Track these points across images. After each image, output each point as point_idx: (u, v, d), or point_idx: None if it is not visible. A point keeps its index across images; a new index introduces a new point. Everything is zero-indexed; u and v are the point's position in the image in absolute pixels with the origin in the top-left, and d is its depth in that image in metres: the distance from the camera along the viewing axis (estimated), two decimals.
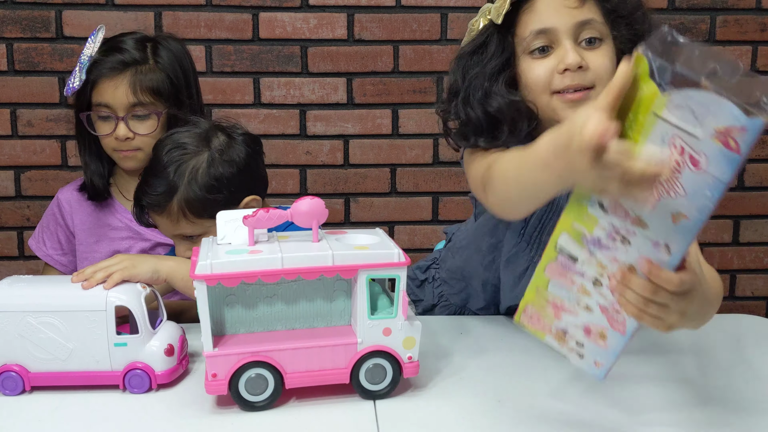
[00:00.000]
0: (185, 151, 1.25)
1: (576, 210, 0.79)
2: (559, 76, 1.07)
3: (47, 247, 1.57)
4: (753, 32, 2.11)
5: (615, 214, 0.76)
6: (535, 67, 1.09)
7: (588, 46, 1.08)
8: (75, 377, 1.04)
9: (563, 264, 0.83)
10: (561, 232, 0.81)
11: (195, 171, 1.24)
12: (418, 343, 1.03)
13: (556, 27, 1.07)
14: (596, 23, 1.08)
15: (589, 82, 1.07)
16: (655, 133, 0.68)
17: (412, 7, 2.03)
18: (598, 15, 1.09)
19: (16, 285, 1.07)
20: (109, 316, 1.03)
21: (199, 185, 1.23)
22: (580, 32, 1.08)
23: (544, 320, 0.88)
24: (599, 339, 0.85)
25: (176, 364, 1.07)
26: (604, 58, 1.08)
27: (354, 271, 0.99)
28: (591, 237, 0.79)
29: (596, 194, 0.75)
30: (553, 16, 1.08)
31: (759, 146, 2.17)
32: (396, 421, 0.97)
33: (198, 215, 1.24)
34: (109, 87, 1.42)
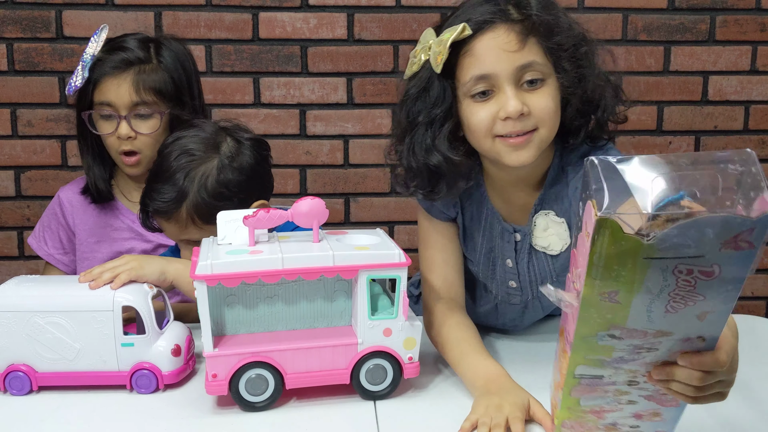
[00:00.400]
0: (193, 158, 1.24)
1: (584, 347, 0.72)
2: (501, 121, 1.05)
3: (48, 247, 1.56)
4: (753, 32, 2.11)
5: (632, 338, 0.70)
6: (477, 111, 1.06)
7: (530, 87, 1.05)
8: (82, 377, 1.04)
9: (589, 384, 0.77)
10: (575, 366, 0.75)
11: (205, 178, 1.22)
12: (419, 344, 1.03)
13: (496, 72, 1.04)
14: (537, 65, 1.05)
15: (531, 126, 1.05)
16: (652, 273, 0.63)
17: (412, 7, 2.03)
18: (540, 55, 1.05)
19: (23, 285, 1.07)
20: (116, 316, 1.03)
21: (208, 192, 1.22)
22: (522, 75, 1.05)
23: (588, 424, 0.83)
24: (653, 417, 0.82)
25: (183, 364, 1.07)
26: (546, 98, 1.05)
27: (354, 271, 0.99)
28: (612, 359, 0.73)
29: (603, 331, 0.70)
30: (493, 60, 1.04)
31: (759, 146, 2.17)
32: (396, 421, 0.97)
33: (206, 221, 1.22)
34: (112, 85, 1.41)
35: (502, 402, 0.95)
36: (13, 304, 1.03)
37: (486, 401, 0.96)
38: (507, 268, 1.21)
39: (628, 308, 0.66)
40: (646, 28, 2.08)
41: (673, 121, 2.14)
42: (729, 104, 2.15)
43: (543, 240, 1.16)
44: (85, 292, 1.04)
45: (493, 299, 1.27)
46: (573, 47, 1.07)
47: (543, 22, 1.05)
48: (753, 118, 2.16)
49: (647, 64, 2.10)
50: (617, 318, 0.67)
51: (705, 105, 2.14)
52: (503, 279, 1.22)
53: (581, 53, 1.08)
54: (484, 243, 1.21)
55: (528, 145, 1.06)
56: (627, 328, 0.69)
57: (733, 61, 2.12)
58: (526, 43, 1.04)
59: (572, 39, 1.07)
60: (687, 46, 2.10)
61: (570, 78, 1.07)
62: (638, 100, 2.12)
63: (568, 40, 1.07)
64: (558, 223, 1.15)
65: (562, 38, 1.06)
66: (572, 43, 1.07)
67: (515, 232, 1.18)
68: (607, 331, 0.69)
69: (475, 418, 0.94)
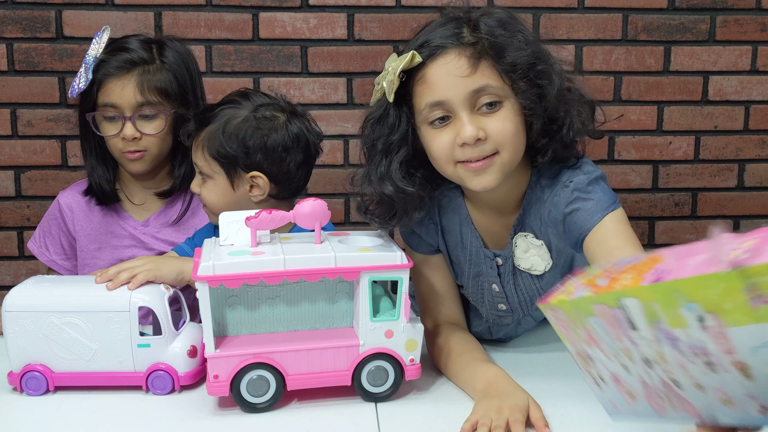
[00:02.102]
0: (233, 102, 1.32)
1: (664, 296, 0.61)
2: (459, 147, 1.04)
3: (50, 253, 1.56)
4: (753, 32, 2.11)
5: (715, 341, 0.58)
6: (436, 138, 1.06)
7: (488, 111, 1.03)
8: (98, 378, 1.05)
9: (617, 318, 0.67)
10: (632, 295, 0.64)
11: (230, 118, 1.29)
12: (420, 346, 1.03)
13: (449, 99, 1.03)
14: (491, 88, 1.03)
15: (490, 150, 1.04)
16: None
17: (412, 7, 2.03)
18: (494, 78, 1.03)
19: (40, 285, 1.07)
20: (133, 317, 1.03)
21: (225, 131, 1.28)
22: (477, 99, 1.03)
23: (573, 334, 0.77)
24: (627, 394, 0.75)
25: (199, 365, 1.07)
26: (504, 121, 1.03)
27: (356, 273, 0.99)
28: (668, 330, 0.62)
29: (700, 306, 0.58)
30: (446, 87, 1.03)
31: (759, 146, 2.17)
32: (397, 423, 0.97)
33: (211, 155, 1.29)
34: (116, 86, 1.41)
35: (502, 405, 0.95)
36: (30, 304, 1.03)
37: (486, 403, 0.97)
38: (494, 293, 1.21)
39: (746, 324, 0.55)
40: (646, 28, 2.08)
41: (673, 121, 2.14)
42: (729, 104, 2.15)
43: (525, 261, 1.15)
44: (102, 292, 1.05)
45: (485, 322, 1.27)
46: (528, 66, 1.04)
47: (494, 43, 1.03)
48: (753, 118, 2.16)
49: (647, 64, 2.10)
50: (731, 317, 0.56)
51: (705, 105, 2.14)
52: (492, 303, 1.22)
53: (538, 71, 1.05)
54: (471, 268, 1.21)
55: (489, 169, 1.04)
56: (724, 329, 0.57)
57: (733, 61, 2.12)
58: (478, 67, 1.02)
59: (528, 58, 1.04)
60: (687, 46, 2.10)
61: (528, 98, 1.04)
62: (638, 100, 2.12)
63: (523, 59, 1.03)
64: (537, 246, 1.14)
65: (516, 58, 1.03)
66: (527, 62, 1.04)
67: (496, 257, 1.18)
68: (704, 312, 0.58)
69: (475, 419, 0.94)
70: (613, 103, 2.11)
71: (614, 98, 2.11)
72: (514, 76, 1.03)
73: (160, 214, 1.53)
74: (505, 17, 1.07)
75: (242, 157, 1.28)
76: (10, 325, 1.03)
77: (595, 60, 2.09)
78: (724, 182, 2.19)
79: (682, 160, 2.17)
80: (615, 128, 2.12)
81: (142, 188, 1.53)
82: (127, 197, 1.53)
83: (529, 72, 1.04)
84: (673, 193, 2.18)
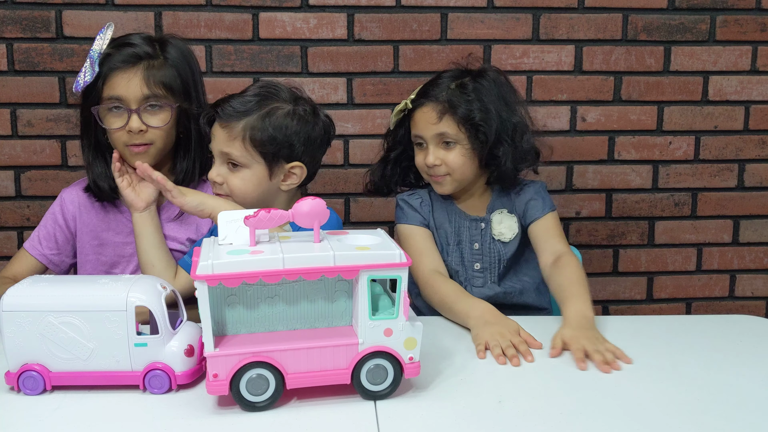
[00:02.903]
0: (274, 95, 1.42)
1: None
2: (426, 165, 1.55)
3: (42, 247, 1.56)
4: (753, 32, 2.11)
5: None
6: (418, 154, 1.59)
7: (446, 147, 1.53)
8: (95, 377, 1.04)
9: None
10: None
11: (273, 110, 1.39)
12: (420, 344, 1.03)
13: (423, 135, 1.55)
14: (449, 133, 1.52)
15: (443, 172, 1.54)
16: None
17: (412, 7, 2.03)
18: (452, 126, 1.51)
19: (37, 285, 1.07)
20: (130, 316, 1.03)
21: (270, 122, 1.38)
22: (440, 139, 1.53)
23: None
24: None
25: (196, 365, 1.07)
26: (456, 156, 1.53)
27: (355, 271, 0.99)
28: None
29: None
30: (422, 127, 1.55)
31: (759, 146, 2.17)
32: (397, 421, 0.97)
33: (253, 145, 1.38)
34: (122, 80, 1.41)
35: (502, 330, 1.25)
36: (26, 303, 1.03)
37: (489, 329, 1.26)
38: (474, 251, 1.60)
39: None
40: (646, 28, 2.08)
41: (673, 121, 2.14)
42: (729, 104, 2.15)
43: (498, 230, 1.60)
44: (99, 292, 1.04)
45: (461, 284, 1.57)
46: (477, 124, 1.50)
47: (452, 105, 1.51)
48: (753, 118, 2.16)
49: (647, 64, 2.10)
50: None
51: (705, 105, 2.14)
52: (470, 262, 1.60)
53: (483, 126, 1.50)
54: (454, 234, 1.61)
55: (444, 183, 1.56)
56: None
57: (733, 61, 2.12)
58: (442, 118, 1.52)
59: (478, 116, 1.50)
60: (687, 46, 2.10)
61: (473, 143, 1.52)
62: (638, 100, 2.12)
63: (474, 117, 1.50)
64: (509, 217, 1.60)
65: (470, 117, 1.50)
66: (477, 120, 1.50)
67: (480, 221, 1.61)
68: None
69: (484, 342, 1.22)
70: (613, 103, 2.11)
71: (614, 98, 2.11)
72: (466, 125, 1.51)
73: (161, 210, 1.53)
74: (486, 83, 1.55)
75: (287, 148, 1.40)
76: (7, 325, 1.03)
77: (595, 60, 2.09)
78: (724, 182, 2.19)
79: (682, 160, 2.17)
80: (615, 128, 2.12)
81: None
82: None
83: (477, 124, 1.51)
84: (673, 193, 2.18)
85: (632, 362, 1.16)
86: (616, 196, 2.17)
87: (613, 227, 2.18)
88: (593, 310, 1.34)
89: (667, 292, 2.24)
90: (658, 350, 1.22)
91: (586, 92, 2.10)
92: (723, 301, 2.26)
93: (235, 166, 1.40)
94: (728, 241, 2.22)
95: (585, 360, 1.16)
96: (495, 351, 1.19)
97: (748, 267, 2.24)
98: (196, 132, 1.51)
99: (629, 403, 1.01)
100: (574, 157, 2.13)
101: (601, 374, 1.12)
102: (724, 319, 1.45)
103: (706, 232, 2.21)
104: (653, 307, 2.24)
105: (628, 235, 2.19)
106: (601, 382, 1.09)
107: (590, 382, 1.09)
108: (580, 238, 2.17)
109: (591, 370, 1.14)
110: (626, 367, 1.14)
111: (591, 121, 2.11)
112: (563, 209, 2.15)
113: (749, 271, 2.25)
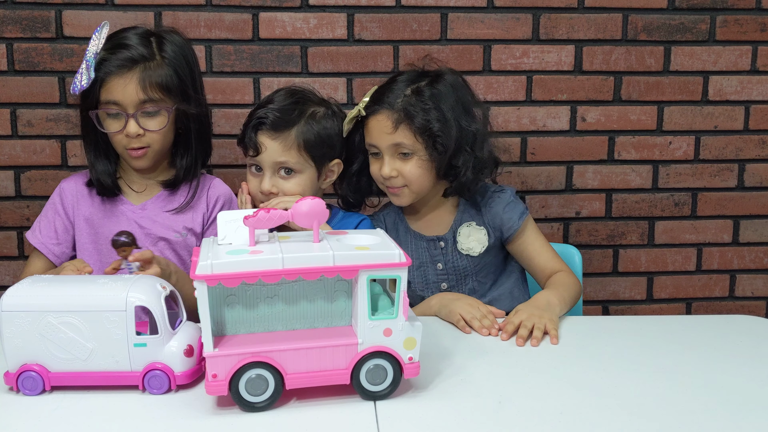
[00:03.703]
0: (307, 99, 1.50)
1: None
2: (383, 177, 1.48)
3: (42, 235, 1.56)
4: (753, 32, 2.11)
5: None
6: (372, 164, 1.52)
7: (402, 158, 1.47)
8: (95, 377, 1.04)
9: None
10: None
11: (314, 114, 1.47)
12: (419, 344, 1.03)
13: (379, 144, 1.47)
14: (405, 144, 1.45)
15: (400, 184, 1.48)
16: None
17: (412, 7, 2.02)
18: (408, 137, 1.44)
19: (36, 285, 1.07)
20: (129, 317, 1.03)
21: (316, 126, 1.46)
22: (396, 149, 1.46)
23: None
24: None
25: (196, 365, 1.07)
26: (412, 167, 1.46)
27: (354, 271, 0.99)
28: None
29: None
30: (376, 136, 1.47)
31: (759, 146, 2.17)
32: (396, 421, 0.96)
33: (308, 150, 1.46)
34: (118, 85, 1.41)
35: (470, 302, 1.35)
36: (26, 303, 1.03)
37: (458, 303, 1.35)
38: (438, 271, 1.56)
39: None
40: (646, 28, 2.08)
41: (673, 121, 2.14)
42: (729, 104, 2.14)
43: (466, 244, 1.54)
44: (98, 292, 1.04)
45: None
46: (434, 134, 1.43)
47: (408, 114, 1.43)
48: (753, 118, 2.16)
49: (647, 64, 2.10)
50: None
51: (705, 105, 2.14)
52: (436, 283, 1.56)
53: (442, 136, 1.43)
54: (414, 261, 1.56)
55: (401, 195, 1.50)
56: None
57: (733, 61, 2.12)
58: (398, 128, 1.44)
59: (436, 126, 1.43)
60: (687, 46, 2.10)
61: (432, 153, 1.45)
62: (638, 100, 2.12)
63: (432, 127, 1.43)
64: (478, 230, 1.54)
65: (428, 127, 1.43)
66: (435, 130, 1.43)
67: (440, 240, 1.56)
68: None
69: (458, 315, 1.31)
70: (613, 103, 2.11)
71: (614, 98, 2.11)
72: (422, 136, 1.44)
73: (158, 199, 1.55)
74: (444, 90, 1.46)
75: (331, 148, 1.49)
76: (6, 325, 1.03)
77: (595, 60, 2.08)
78: (724, 182, 2.19)
79: (682, 160, 2.16)
80: (615, 128, 2.12)
81: (143, 177, 1.55)
82: (127, 185, 1.55)
83: (434, 135, 1.43)
84: (673, 193, 2.18)
85: (557, 343, 1.24)
86: (616, 196, 2.17)
87: (613, 227, 2.18)
88: (562, 305, 1.39)
89: (667, 292, 2.23)
90: (658, 350, 1.22)
91: (586, 92, 2.10)
92: (723, 301, 2.25)
93: (288, 173, 1.47)
94: (728, 241, 2.22)
95: (515, 330, 1.27)
96: (475, 324, 1.29)
97: (748, 267, 2.24)
98: (196, 128, 1.52)
99: (629, 403, 1.01)
100: (574, 157, 2.13)
101: (600, 374, 1.12)
102: (724, 319, 1.45)
103: (706, 232, 2.21)
104: (653, 307, 2.24)
105: (628, 235, 2.19)
106: (601, 382, 1.09)
107: (590, 382, 1.09)
108: (580, 238, 2.17)
109: (591, 370, 1.14)
110: (626, 367, 1.14)
111: (591, 121, 2.11)
112: (563, 209, 2.15)
113: (749, 271, 2.24)
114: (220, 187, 1.62)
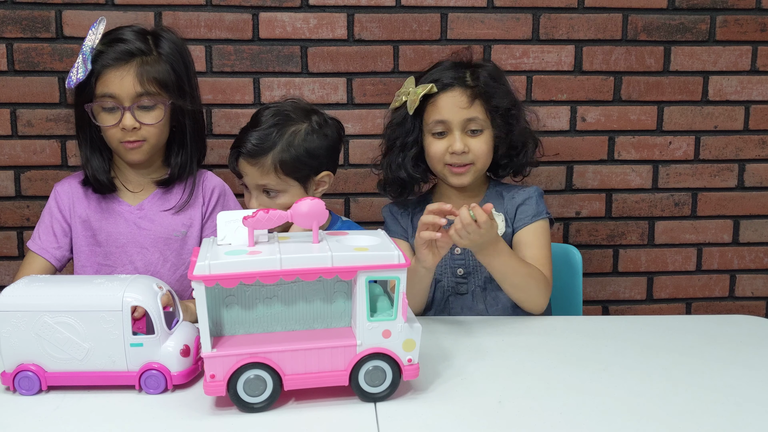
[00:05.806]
0: (289, 118, 1.49)
1: None
2: (449, 154, 1.51)
3: (42, 241, 1.55)
4: (753, 32, 2.10)
5: None
6: (434, 144, 1.53)
7: (472, 134, 1.51)
8: (91, 377, 1.04)
9: None
10: None
11: (294, 135, 1.47)
12: (418, 346, 1.02)
13: (450, 120, 1.50)
14: (479, 119, 1.50)
15: (469, 161, 1.51)
16: None
17: (412, 7, 2.02)
18: (481, 112, 1.50)
19: (33, 285, 1.07)
20: (125, 316, 1.03)
21: (295, 147, 1.46)
22: (467, 125, 1.50)
23: None
24: None
25: (192, 365, 1.07)
26: (482, 144, 1.51)
27: (353, 272, 0.98)
28: None
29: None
30: (449, 112, 1.50)
31: (759, 146, 2.17)
32: (396, 423, 0.96)
33: (287, 173, 1.47)
34: (115, 77, 1.41)
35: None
36: (22, 303, 1.03)
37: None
38: (455, 257, 1.56)
39: None
40: (646, 28, 2.08)
41: (673, 121, 2.14)
42: (729, 104, 2.14)
43: None
44: (95, 292, 1.04)
45: (444, 293, 1.57)
46: (506, 110, 1.52)
47: (486, 90, 1.50)
48: (753, 118, 2.15)
49: (647, 64, 2.10)
50: None
51: (705, 105, 2.14)
52: (453, 268, 1.56)
53: (511, 115, 1.53)
54: None
55: (466, 174, 1.53)
56: None
57: (733, 61, 2.12)
58: (473, 103, 1.49)
59: (507, 104, 1.52)
60: (687, 46, 2.10)
61: (501, 131, 1.52)
62: (638, 100, 2.11)
63: (503, 104, 1.51)
64: (497, 215, 1.52)
65: (499, 103, 1.51)
66: (505, 107, 1.51)
67: None
68: None
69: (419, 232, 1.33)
70: (613, 103, 2.11)
71: (614, 98, 2.11)
72: (494, 114, 1.51)
73: (154, 198, 1.55)
74: (493, 71, 1.55)
75: (315, 163, 1.49)
76: (2, 325, 1.03)
77: (595, 60, 2.08)
78: (724, 182, 2.18)
79: (682, 160, 2.16)
80: (615, 128, 2.12)
81: (137, 175, 1.55)
82: (122, 184, 1.54)
83: (505, 114, 1.51)
84: (673, 193, 2.18)
85: (490, 211, 1.30)
86: (616, 196, 2.16)
87: (613, 227, 2.18)
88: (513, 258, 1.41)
89: (667, 292, 2.23)
90: (658, 350, 1.22)
91: (586, 92, 2.10)
92: (723, 301, 2.25)
93: (272, 193, 1.49)
94: (728, 241, 2.22)
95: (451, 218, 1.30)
96: (425, 219, 1.30)
97: (748, 267, 2.24)
98: (191, 126, 1.52)
99: (629, 403, 1.01)
100: (573, 157, 2.13)
101: (600, 374, 1.12)
102: (724, 319, 1.45)
103: (706, 232, 2.21)
104: (653, 307, 2.24)
105: (628, 235, 2.19)
106: (601, 382, 1.09)
107: (590, 382, 1.09)
108: (580, 238, 2.17)
109: (590, 370, 1.14)
110: (626, 367, 1.14)
111: (591, 121, 2.11)
112: (563, 209, 2.15)
113: (749, 271, 2.24)
114: (213, 179, 1.62)
